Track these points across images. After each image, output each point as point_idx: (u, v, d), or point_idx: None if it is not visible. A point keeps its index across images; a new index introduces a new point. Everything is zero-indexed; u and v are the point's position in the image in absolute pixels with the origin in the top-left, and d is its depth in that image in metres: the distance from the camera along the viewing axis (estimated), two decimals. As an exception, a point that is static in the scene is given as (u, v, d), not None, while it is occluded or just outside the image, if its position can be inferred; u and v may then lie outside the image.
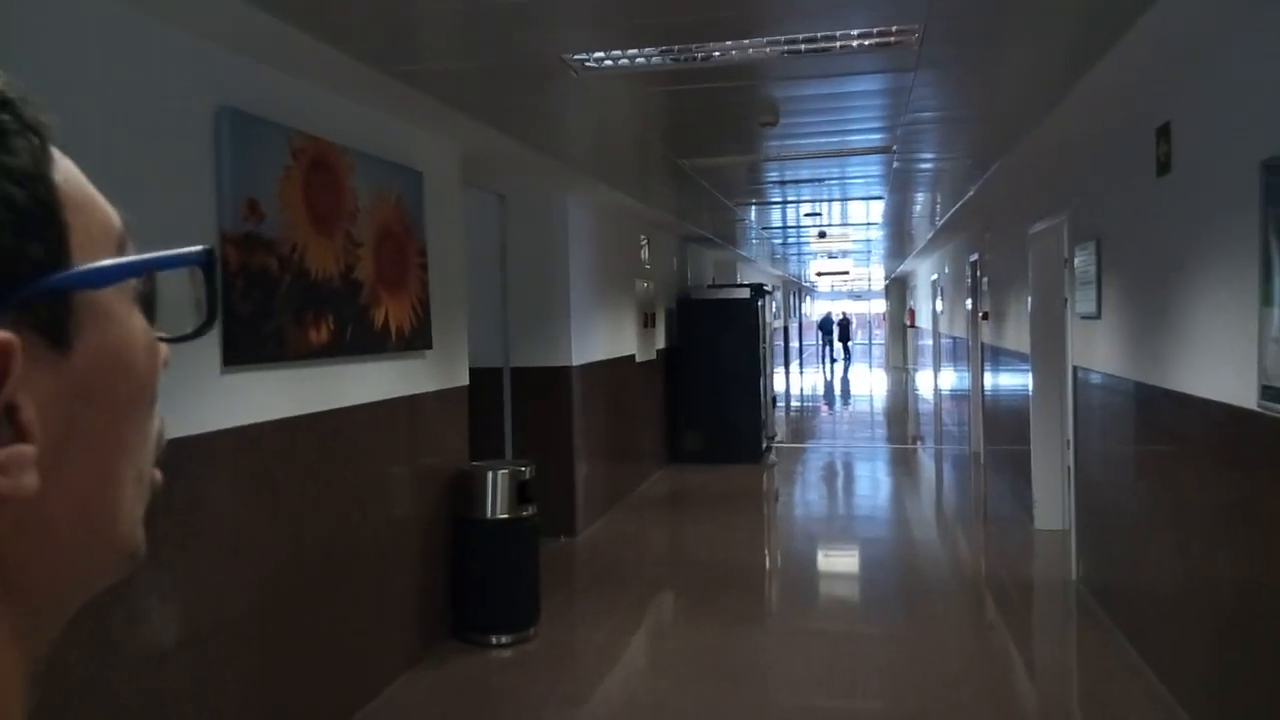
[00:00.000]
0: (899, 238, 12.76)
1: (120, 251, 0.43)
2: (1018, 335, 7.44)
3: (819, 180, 6.93)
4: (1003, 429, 8.49)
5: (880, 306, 34.71)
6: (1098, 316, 4.88)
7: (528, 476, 4.63)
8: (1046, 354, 6.66)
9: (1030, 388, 6.73)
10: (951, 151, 5.81)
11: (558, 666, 4.47)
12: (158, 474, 0.46)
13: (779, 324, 21.76)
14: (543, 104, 4.35)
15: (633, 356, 8.49)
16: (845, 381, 23.35)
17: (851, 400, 19.29)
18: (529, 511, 4.63)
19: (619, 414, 8.07)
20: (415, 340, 4.27)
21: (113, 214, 0.43)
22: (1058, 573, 5.90)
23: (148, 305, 0.44)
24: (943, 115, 4.77)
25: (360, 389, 3.90)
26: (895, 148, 5.42)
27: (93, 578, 0.42)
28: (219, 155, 3.05)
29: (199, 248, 0.44)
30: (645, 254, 9.09)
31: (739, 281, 12.63)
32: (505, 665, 4.49)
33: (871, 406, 17.99)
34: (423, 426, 4.44)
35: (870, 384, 22.63)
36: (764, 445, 10.35)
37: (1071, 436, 6.48)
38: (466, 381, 4.96)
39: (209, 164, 3.02)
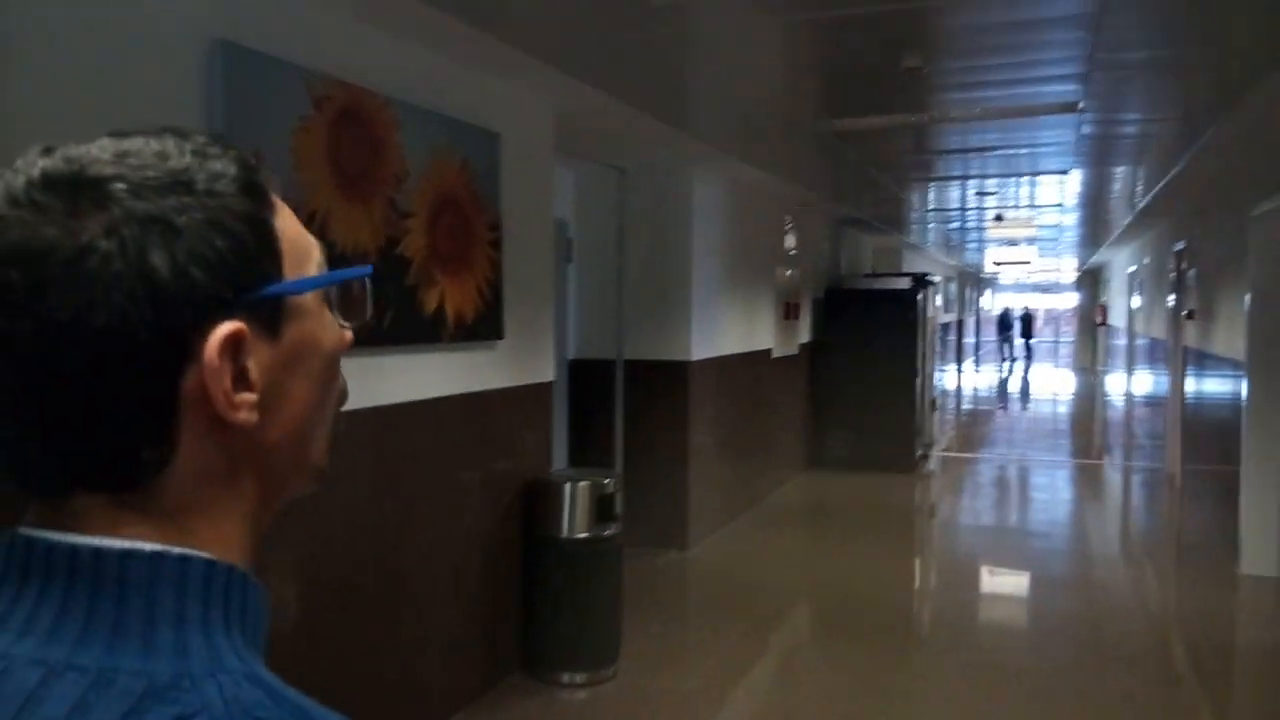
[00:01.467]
0: (1091, 222, 11.30)
1: (317, 268, 0.60)
2: (1229, 339, 6.19)
3: (991, 149, 5.93)
4: (1206, 448, 7.18)
5: (1070, 301, 32.10)
6: (1349, 320, 3.75)
7: (611, 489, 3.98)
8: (1267, 363, 5.44)
9: (1244, 402, 5.52)
10: (1157, 110, 4.73)
11: (633, 716, 3.81)
12: (343, 394, 0.64)
13: (950, 318, 20.24)
14: (652, 53, 3.68)
15: (769, 351, 7.70)
16: (1025, 382, 21.49)
17: (1031, 403, 17.65)
18: (612, 530, 3.99)
19: (750, 413, 7.32)
20: (481, 329, 3.69)
21: (313, 242, 0.61)
22: (1269, 635, 4.75)
23: (345, 302, 0.62)
24: (1146, 57, 3.77)
25: (407, 385, 3.35)
26: (1082, 105, 4.42)
27: (291, 486, 0.61)
28: (209, 100, 2.54)
29: (363, 267, 0.64)
30: (790, 239, 8.26)
31: (903, 271, 11.53)
32: (575, 709, 3.87)
33: (1054, 412, 16.35)
34: (492, 428, 3.87)
35: (1053, 386, 20.75)
36: (918, 453, 9.32)
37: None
38: (550, 377, 4.35)
39: (197, 110, 2.52)
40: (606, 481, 3.99)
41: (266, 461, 0.57)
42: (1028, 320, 28.33)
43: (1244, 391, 5.52)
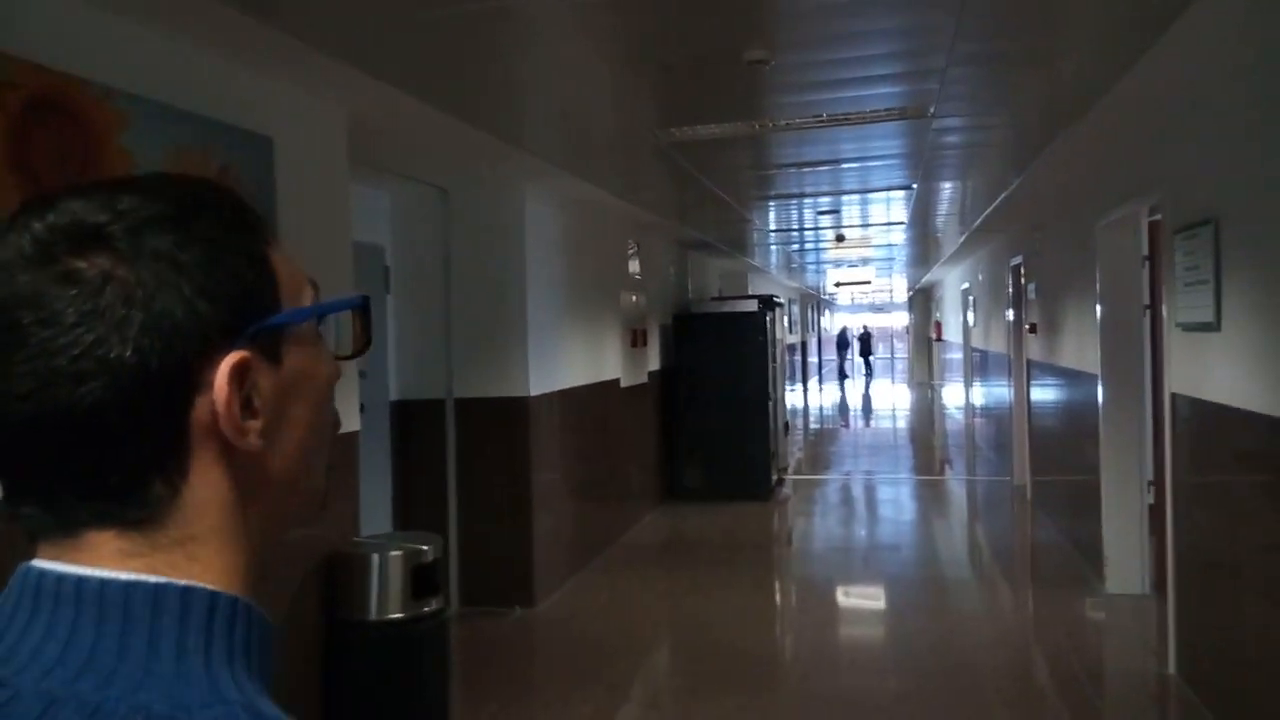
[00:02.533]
0: (924, 241, 11.44)
1: (310, 301, 0.61)
2: (1079, 351, 6.12)
3: (833, 162, 5.64)
4: (1056, 459, 7.14)
5: (902, 319, 33.32)
6: (1215, 328, 3.56)
7: (431, 557, 3.36)
8: (1120, 373, 5.33)
9: (1100, 413, 5.40)
10: (1013, 113, 4.51)
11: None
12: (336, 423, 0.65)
13: (795, 339, 20.45)
14: (466, 53, 3.12)
15: (617, 381, 7.22)
16: (867, 398, 21.93)
17: (873, 418, 17.91)
18: (433, 605, 3.36)
19: (598, 449, 6.79)
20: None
21: (305, 276, 0.61)
22: (1144, 659, 4.56)
23: (364, 325, 0.65)
24: (1008, 50, 3.49)
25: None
26: (934, 109, 4.13)
27: (293, 514, 0.62)
28: None
29: (358, 295, 0.65)
30: (635, 263, 7.83)
31: (750, 294, 11.32)
32: (395, 829, 3.20)
33: (894, 426, 16.60)
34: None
35: (893, 401, 21.24)
36: (774, 478, 9.03)
37: (1160, 476, 5.16)
38: (356, 427, 3.69)
39: None
40: (425, 548, 3.36)
41: (270, 489, 0.58)
42: (866, 339, 29.16)
43: (1099, 402, 5.40)
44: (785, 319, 16.58)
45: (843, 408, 20.12)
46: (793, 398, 19.52)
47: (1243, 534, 3.44)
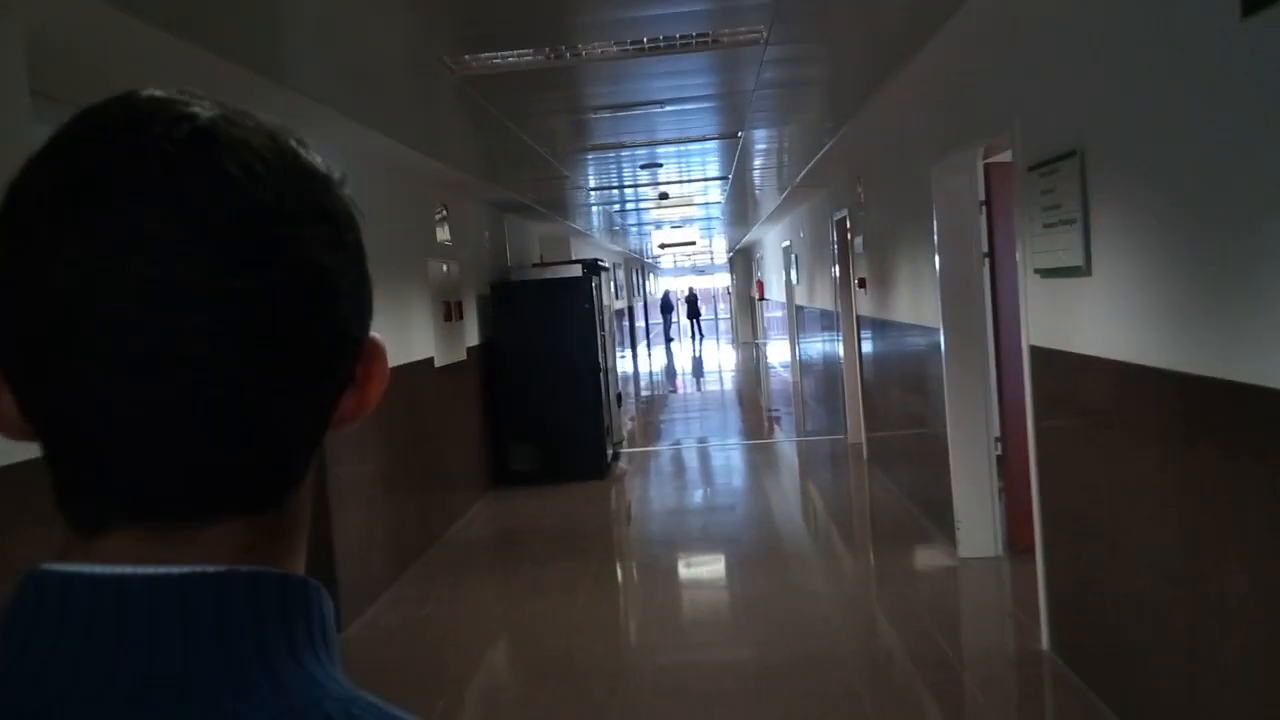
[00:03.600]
0: (744, 198, 11.17)
1: None
2: (915, 304, 5.87)
3: (654, 103, 5.09)
4: (891, 417, 6.96)
5: (723, 280, 33.65)
6: (1084, 272, 3.24)
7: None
8: (962, 325, 5.08)
9: (944, 369, 5.15)
10: (848, 48, 4.08)
11: None
12: None
13: (621, 304, 20.07)
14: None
15: (430, 360, 6.48)
16: (697, 361, 21.83)
17: (702, 381, 17.79)
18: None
19: (413, 437, 6.06)
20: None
21: None
22: (1012, 633, 4.32)
23: None
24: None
25: None
26: (764, 34, 3.63)
27: None
28: None
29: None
30: (444, 229, 7.07)
31: (574, 259, 10.70)
32: None
33: (723, 387, 16.51)
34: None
35: (719, 362, 21.26)
36: (610, 454, 8.53)
37: (1006, 430, 4.96)
38: None
39: None
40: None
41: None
42: (693, 301, 29.20)
43: (942, 356, 5.13)
44: (612, 284, 16.13)
45: (670, 372, 19.94)
46: (624, 363, 19.20)
47: (1116, 497, 3.15)
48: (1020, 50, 3.73)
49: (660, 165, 7.24)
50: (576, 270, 8.32)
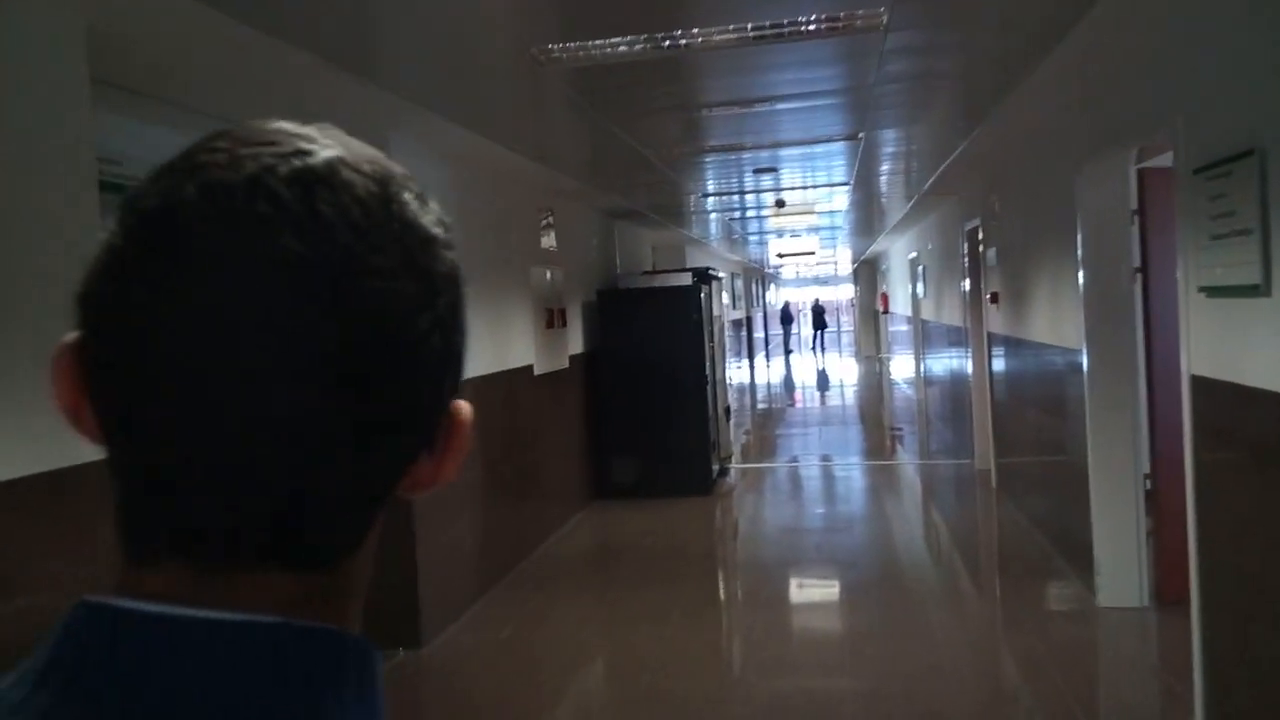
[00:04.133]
0: (869, 206, 10.64)
1: None
2: (1054, 323, 5.34)
3: (770, 100, 4.74)
4: (1025, 443, 6.40)
5: (847, 292, 32.76)
6: (1263, 291, 2.74)
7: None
8: (1109, 348, 4.55)
9: (1086, 396, 4.62)
10: (963, 36, 3.66)
11: None
12: None
13: (739, 314, 19.70)
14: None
15: (529, 368, 6.29)
16: (821, 374, 21.10)
17: (822, 395, 17.20)
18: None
19: (510, 445, 5.88)
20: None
21: None
22: (1153, 695, 3.79)
23: None
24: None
25: None
26: (885, 20, 3.25)
27: None
28: None
29: None
30: (550, 235, 6.89)
31: (685, 267, 10.41)
32: None
33: (843, 402, 15.90)
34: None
35: (841, 375, 20.59)
36: (716, 469, 8.19)
37: (1158, 466, 4.41)
38: None
39: None
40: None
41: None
42: (819, 313, 28.49)
43: (1085, 381, 4.61)
44: (728, 293, 15.77)
45: (789, 385, 19.41)
46: (740, 374, 18.80)
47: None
48: (1183, 36, 3.24)
49: (775, 170, 6.87)
50: (686, 279, 8.02)
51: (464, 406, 0.50)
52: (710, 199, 8.40)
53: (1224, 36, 2.96)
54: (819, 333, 28.11)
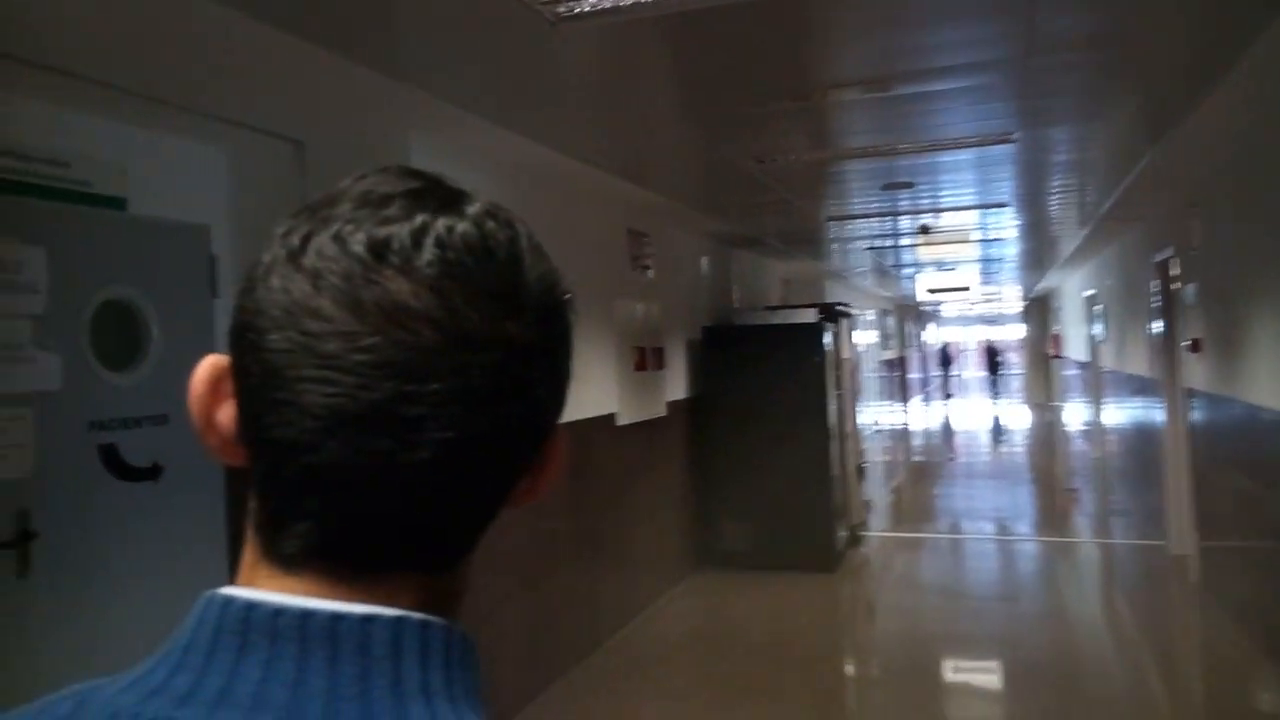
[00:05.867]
0: (1037, 234, 9.22)
1: None
2: (1274, 375, 3.99)
3: (899, 80, 3.67)
4: (1237, 526, 4.97)
5: (1016, 332, 30.41)
6: None
7: None
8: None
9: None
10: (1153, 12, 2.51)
11: None
12: None
13: (890, 354, 18.23)
14: None
15: (610, 417, 5.37)
16: (996, 425, 19.06)
17: (986, 446, 15.48)
18: None
19: (586, 507, 4.96)
20: None
21: None
22: None
23: None
24: None
25: None
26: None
27: None
28: None
29: None
30: (645, 263, 5.98)
31: (811, 302, 9.28)
32: None
33: (1010, 457, 14.16)
34: None
35: (1009, 423, 18.69)
36: (843, 540, 7.01)
37: None
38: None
39: None
40: None
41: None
42: (992, 354, 26.46)
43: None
44: (874, 332, 14.44)
45: (948, 433, 17.71)
46: (891, 419, 17.28)
47: None
48: None
49: (912, 185, 5.72)
50: (810, 315, 6.93)
51: (561, 438, 0.55)
52: (833, 223, 7.28)
53: None
54: (992, 377, 26.06)
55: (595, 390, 5.17)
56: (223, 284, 3.47)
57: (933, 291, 13.45)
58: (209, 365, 0.51)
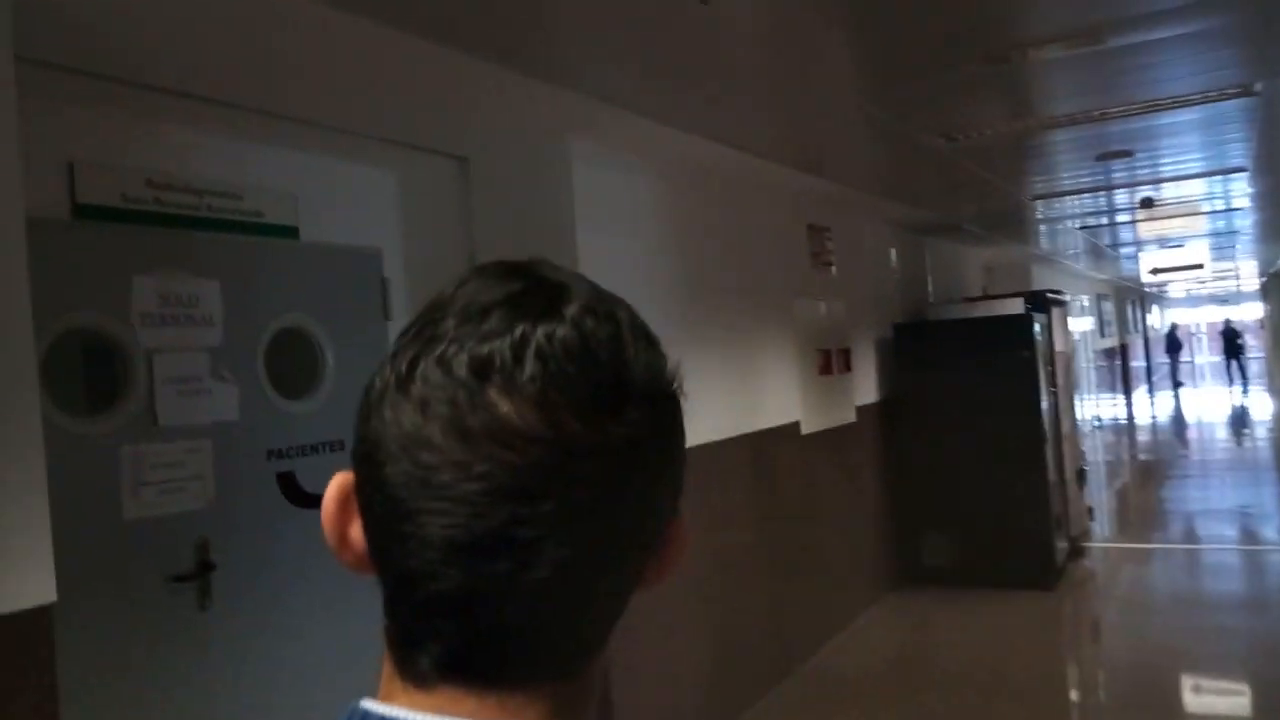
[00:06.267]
0: (1274, 201, 8.05)
1: None
2: None
3: (1116, 54, 3.15)
4: None
5: (1255, 312, 27.40)
6: None
7: None
8: None
9: None
10: None
11: None
12: None
13: (1110, 342, 16.76)
14: None
15: (795, 425, 5.01)
16: (1237, 413, 17.22)
17: (1224, 440, 13.90)
18: None
19: (766, 527, 4.64)
20: None
21: None
22: None
23: None
24: None
25: None
26: None
27: None
28: None
29: None
30: (827, 258, 5.58)
31: (1018, 291, 8.50)
32: None
33: (1255, 453, 12.61)
34: None
35: (1250, 413, 16.75)
36: (1063, 552, 6.32)
37: None
38: (49, 598, 1.88)
39: None
40: None
41: None
42: (1231, 337, 23.98)
43: None
44: (1085, 320, 13.27)
45: (1179, 426, 16.06)
46: (1113, 412, 15.87)
47: None
48: None
49: (1129, 154, 5.02)
50: (1016, 305, 6.29)
51: (682, 518, 0.54)
52: (1040, 202, 6.58)
53: None
54: (1233, 361, 23.60)
55: (776, 398, 4.83)
56: (395, 306, 3.39)
57: (1157, 271, 12.15)
58: (337, 485, 0.53)
